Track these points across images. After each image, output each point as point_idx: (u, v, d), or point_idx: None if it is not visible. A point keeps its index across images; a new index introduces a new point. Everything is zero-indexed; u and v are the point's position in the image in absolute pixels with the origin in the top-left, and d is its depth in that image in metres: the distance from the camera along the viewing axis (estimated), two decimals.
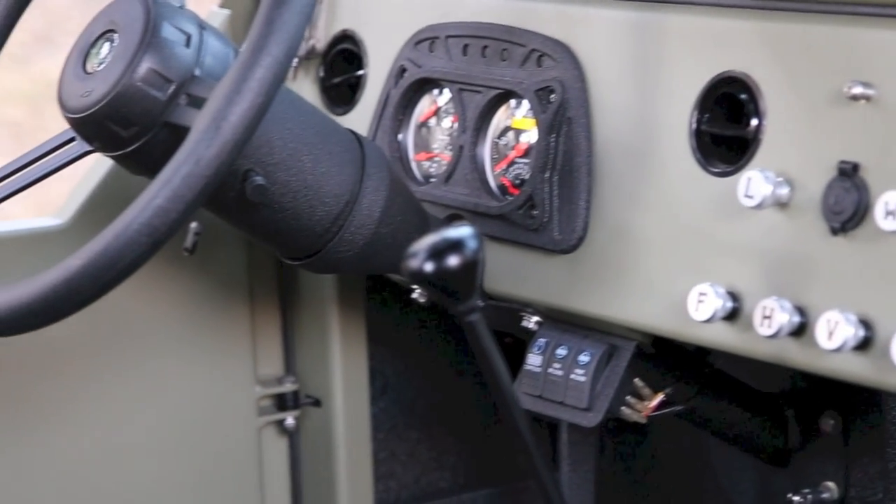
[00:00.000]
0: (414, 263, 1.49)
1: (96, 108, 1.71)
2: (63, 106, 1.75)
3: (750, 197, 1.64)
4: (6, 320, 1.67)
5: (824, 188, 1.61)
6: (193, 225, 2.13)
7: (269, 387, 2.34)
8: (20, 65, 6.42)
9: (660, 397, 1.93)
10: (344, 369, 2.32)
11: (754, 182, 1.63)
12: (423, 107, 2.04)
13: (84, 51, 1.76)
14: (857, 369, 1.59)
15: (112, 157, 1.76)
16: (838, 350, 1.57)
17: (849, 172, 1.58)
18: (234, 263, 2.27)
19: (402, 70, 2.04)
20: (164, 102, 1.70)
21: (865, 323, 1.57)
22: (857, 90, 1.58)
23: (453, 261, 1.48)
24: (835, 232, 1.59)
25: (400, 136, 2.05)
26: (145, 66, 1.70)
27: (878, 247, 1.57)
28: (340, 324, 2.30)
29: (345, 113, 2.14)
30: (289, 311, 2.34)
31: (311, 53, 2.19)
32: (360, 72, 2.14)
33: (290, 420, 2.34)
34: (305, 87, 2.20)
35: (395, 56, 2.06)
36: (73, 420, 2.20)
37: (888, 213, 1.54)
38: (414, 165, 2.05)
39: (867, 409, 2.01)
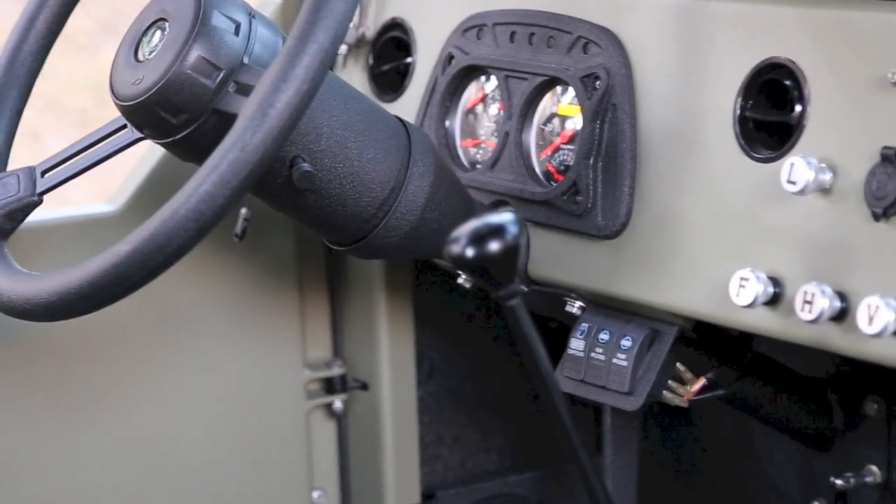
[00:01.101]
0: (455, 248, 1.48)
1: (147, 95, 1.71)
2: (115, 94, 1.76)
3: (793, 183, 1.63)
4: (57, 305, 1.67)
5: (867, 174, 1.60)
6: (243, 211, 2.16)
7: (318, 370, 2.35)
8: (87, 54, 6.44)
9: (702, 381, 1.93)
10: (391, 353, 2.33)
11: (797, 168, 1.63)
12: (471, 93, 2.05)
13: (136, 39, 1.76)
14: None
15: (162, 145, 1.76)
16: (879, 335, 1.56)
17: (891, 158, 1.57)
18: (283, 249, 2.28)
19: (450, 57, 2.04)
20: (213, 90, 1.70)
21: None
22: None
23: (494, 246, 1.47)
24: (877, 217, 1.58)
25: (447, 123, 2.05)
26: (195, 54, 1.70)
27: None
28: (388, 308, 2.30)
29: (393, 100, 2.14)
30: (337, 296, 2.35)
31: (360, 41, 2.20)
32: (409, 59, 2.14)
33: (337, 403, 2.36)
34: (355, 75, 2.20)
35: (442, 43, 2.06)
36: (126, 402, 2.22)
37: None
38: (461, 152, 2.05)
39: None
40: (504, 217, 1.54)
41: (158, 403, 2.24)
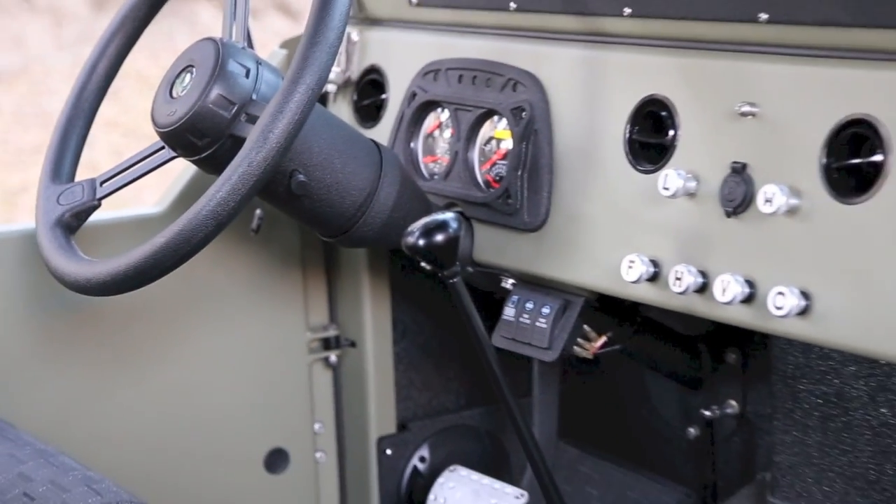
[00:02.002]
0: (410, 239, 1.52)
1: (178, 124, 1.69)
2: (154, 122, 1.74)
3: (667, 189, 1.65)
4: (110, 283, 1.67)
5: (721, 182, 1.62)
6: (258, 212, 2.15)
7: (317, 332, 2.32)
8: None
9: (603, 339, 1.93)
10: (373, 319, 2.30)
11: (670, 178, 1.65)
12: (429, 122, 2.02)
13: (171, 81, 1.75)
14: (743, 317, 1.61)
15: (191, 161, 1.75)
16: (730, 303, 1.59)
17: (739, 170, 1.60)
18: (289, 240, 2.25)
19: (413, 94, 2.02)
20: (229, 120, 1.68)
21: (750, 282, 1.59)
22: (746, 108, 1.60)
23: (439, 237, 1.51)
24: (728, 215, 1.61)
25: (412, 144, 2.03)
26: (215, 92, 1.68)
27: (759, 225, 1.59)
28: (370, 285, 2.28)
29: (372, 127, 2.11)
30: (331, 276, 2.32)
31: (346, 82, 2.16)
32: (383, 96, 2.11)
33: (332, 357, 2.33)
34: (343, 108, 2.17)
35: (408, 84, 2.04)
36: (167, 358, 2.21)
37: (766, 201, 1.55)
38: (422, 166, 2.02)
39: (758, 346, 2.01)
40: (447, 215, 1.57)
41: (193, 358, 2.22)
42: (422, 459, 2.33)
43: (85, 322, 2.13)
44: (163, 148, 1.79)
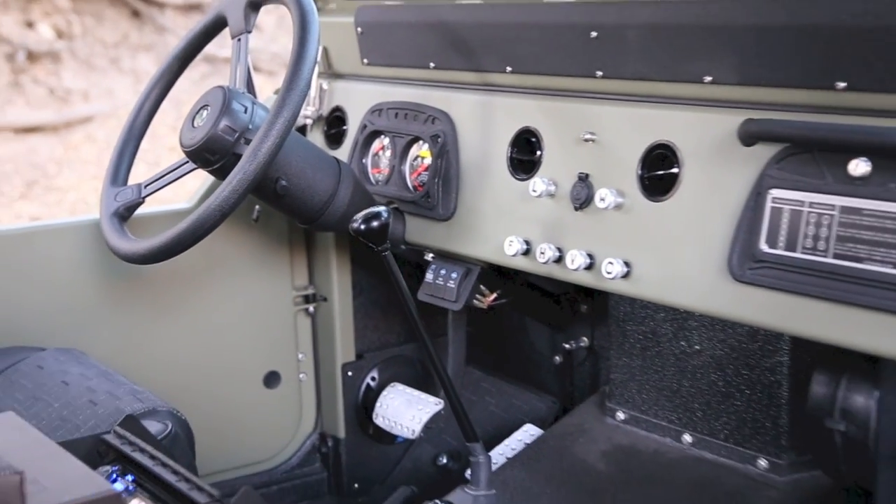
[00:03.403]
0: (354, 225, 1.50)
1: (198, 145, 1.69)
2: (181, 144, 1.72)
3: (535, 191, 1.66)
4: (148, 256, 1.67)
5: (571, 187, 1.62)
6: (257, 207, 2.12)
7: (300, 291, 2.28)
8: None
9: (494, 295, 1.91)
10: (338, 281, 2.26)
11: (537, 184, 1.66)
12: (376, 145, 2.00)
13: (193, 115, 1.73)
14: (586, 279, 1.61)
15: (207, 171, 1.74)
16: (577, 270, 1.60)
17: (583, 178, 1.61)
18: (280, 227, 2.21)
19: (364, 126, 2.00)
20: (233, 142, 1.67)
21: (591, 255, 1.59)
22: (588, 136, 1.61)
23: (374, 224, 1.49)
24: (576, 209, 1.62)
25: (364, 161, 2.01)
26: (223, 123, 1.68)
27: (597, 217, 1.60)
28: (337, 257, 2.24)
29: (337, 149, 2.08)
30: (310, 251, 2.28)
31: (319, 118, 2.13)
32: (345, 127, 2.08)
33: (311, 308, 2.29)
34: (317, 135, 2.14)
35: (361, 119, 2.02)
36: (194, 309, 2.17)
37: (601, 199, 1.56)
38: (371, 176, 2.00)
39: (601, 300, 2.01)
40: (381, 209, 1.55)
41: (212, 308, 2.18)
42: (373, 379, 2.29)
43: (136, 283, 2.11)
44: (187, 162, 1.77)
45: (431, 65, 1.90)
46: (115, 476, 1.24)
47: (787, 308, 1.34)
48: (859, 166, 1.26)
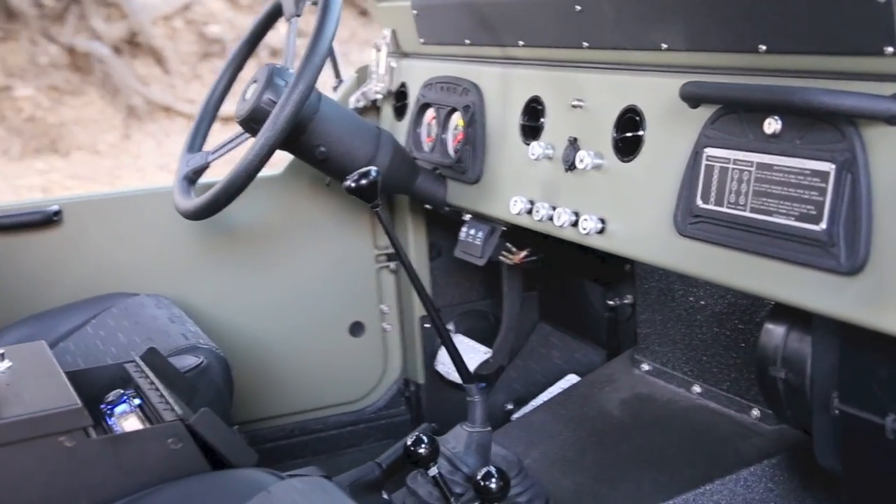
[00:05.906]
0: (346, 183, 1.54)
1: (245, 115, 1.76)
2: (237, 115, 1.78)
3: (533, 155, 1.71)
4: (194, 212, 1.77)
5: (563, 150, 1.67)
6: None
7: (381, 250, 2.33)
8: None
9: (524, 252, 1.93)
10: (415, 243, 2.30)
11: (535, 148, 1.71)
12: (428, 116, 2.06)
13: (245, 90, 1.80)
14: (571, 235, 1.64)
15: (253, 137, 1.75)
16: (562, 226, 1.65)
17: (572, 142, 1.65)
18: None
19: (418, 99, 2.07)
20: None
21: (575, 213, 1.63)
22: (576, 102, 1.64)
23: (363, 181, 1.52)
24: (566, 170, 1.66)
25: (418, 130, 2.07)
26: (266, 96, 1.75)
27: (581, 177, 1.64)
28: (412, 221, 2.29)
29: (401, 120, 2.13)
30: (392, 214, 2.32)
31: (388, 94, 2.19)
32: (407, 101, 2.14)
33: (392, 266, 2.35)
34: (386, 110, 2.19)
35: (417, 93, 2.09)
36: (286, 266, 2.22)
37: (580, 161, 1.60)
38: (424, 144, 2.06)
39: (639, 264, 1.97)
40: (371, 168, 1.55)
41: (304, 266, 2.22)
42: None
43: (229, 242, 2.15)
44: (242, 133, 1.84)
45: (467, 41, 1.97)
46: (125, 398, 1.38)
47: (721, 260, 1.37)
48: (772, 124, 1.28)
